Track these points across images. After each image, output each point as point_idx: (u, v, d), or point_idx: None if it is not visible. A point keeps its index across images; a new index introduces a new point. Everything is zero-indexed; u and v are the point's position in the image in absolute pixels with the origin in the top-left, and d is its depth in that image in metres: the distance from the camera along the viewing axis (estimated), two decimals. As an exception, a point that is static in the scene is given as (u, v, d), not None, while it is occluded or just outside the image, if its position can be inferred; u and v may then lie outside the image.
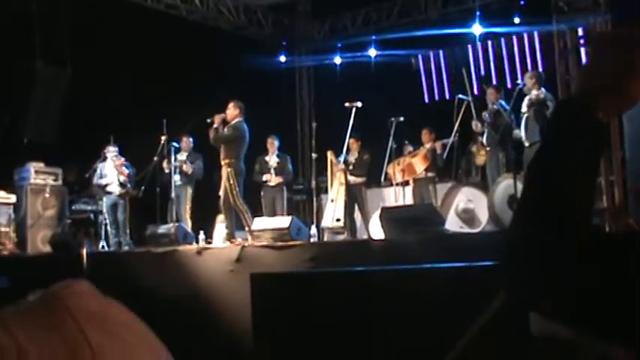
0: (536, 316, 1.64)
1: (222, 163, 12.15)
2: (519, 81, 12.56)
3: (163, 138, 13.78)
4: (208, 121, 12.46)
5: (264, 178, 13.77)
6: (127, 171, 14.42)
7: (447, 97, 16.66)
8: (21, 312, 0.91)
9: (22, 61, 15.60)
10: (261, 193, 13.87)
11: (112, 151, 14.54)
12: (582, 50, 10.84)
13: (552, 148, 1.47)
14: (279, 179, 13.85)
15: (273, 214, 13.23)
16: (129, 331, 0.97)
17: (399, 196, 13.49)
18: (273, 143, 14.04)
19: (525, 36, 15.74)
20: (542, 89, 11.65)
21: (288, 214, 12.68)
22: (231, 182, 11.80)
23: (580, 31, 13.24)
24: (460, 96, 12.73)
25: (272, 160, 14.00)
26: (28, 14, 15.12)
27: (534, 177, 1.48)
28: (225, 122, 12.30)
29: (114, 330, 0.94)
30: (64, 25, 15.37)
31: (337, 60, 18.02)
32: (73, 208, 14.90)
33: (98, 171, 14.59)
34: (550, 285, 1.38)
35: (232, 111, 12.37)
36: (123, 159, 14.50)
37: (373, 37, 17.30)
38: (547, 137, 1.55)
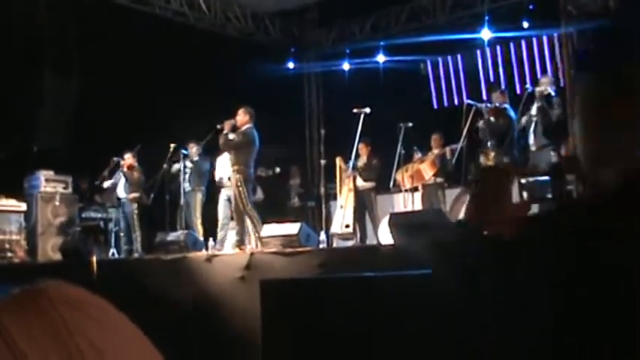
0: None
1: (232, 169, 12.14)
2: (528, 86, 12.53)
3: (172, 145, 13.84)
4: (218, 127, 12.45)
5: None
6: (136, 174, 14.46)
7: (456, 102, 16.65)
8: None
9: (31, 72, 15.67)
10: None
11: (126, 158, 14.60)
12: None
13: None
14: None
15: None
16: (106, 314, 0.99)
17: (408, 202, 13.46)
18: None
19: (534, 40, 15.72)
20: (553, 91, 11.66)
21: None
22: (240, 189, 11.77)
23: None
24: (468, 101, 12.72)
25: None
26: (38, 26, 15.20)
27: None
28: (234, 128, 12.28)
29: (90, 311, 0.97)
30: (73, 35, 15.45)
31: (345, 66, 18.00)
32: (83, 215, 15.01)
33: (114, 179, 14.75)
34: None
35: (242, 117, 12.33)
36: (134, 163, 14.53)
37: (381, 43, 17.26)
38: None
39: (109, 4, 14.84)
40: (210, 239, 12.63)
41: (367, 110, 12.95)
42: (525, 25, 14.99)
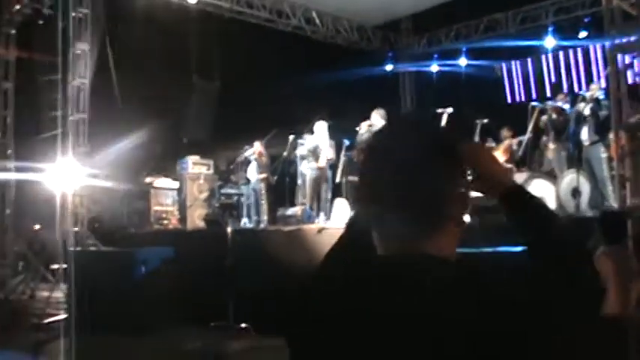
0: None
1: None
2: (583, 91, 12.44)
3: (291, 136, 14.04)
4: (357, 129, 12.82)
5: None
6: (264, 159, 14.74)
7: (524, 99, 16.62)
8: None
9: (181, 76, 16.22)
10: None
11: (256, 146, 14.78)
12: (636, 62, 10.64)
13: None
14: None
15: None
16: None
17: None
18: None
19: (591, 48, 15.56)
20: (602, 94, 11.59)
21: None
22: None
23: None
24: (533, 103, 12.73)
25: None
26: (187, 39, 15.72)
27: None
28: (370, 127, 12.58)
29: None
30: (215, 46, 15.95)
31: (434, 68, 18.10)
32: (222, 191, 15.45)
33: (246, 160, 15.00)
34: None
35: (375, 117, 12.69)
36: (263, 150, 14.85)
37: (463, 48, 17.30)
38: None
39: (244, 22, 15.26)
40: (321, 213, 12.90)
41: (450, 110, 13.04)
42: (582, 35, 14.83)
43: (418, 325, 1.34)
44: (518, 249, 1.63)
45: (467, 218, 1.55)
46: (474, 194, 1.60)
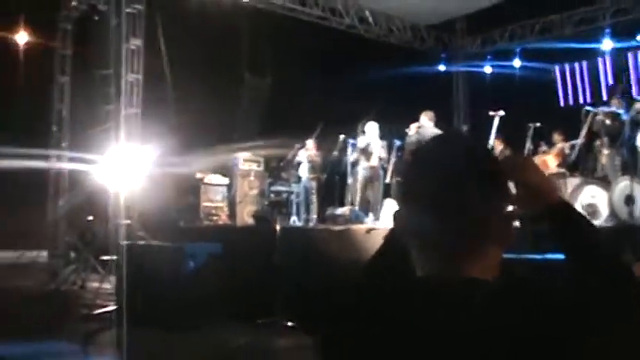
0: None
1: None
2: (635, 94, 12.22)
3: (342, 136, 14.01)
4: (406, 130, 12.81)
5: None
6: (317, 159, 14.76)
7: (581, 102, 16.39)
8: None
9: (233, 73, 16.32)
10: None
11: (308, 144, 14.85)
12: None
13: None
14: None
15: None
16: None
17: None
18: None
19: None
20: None
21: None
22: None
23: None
24: (587, 108, 12.53)
25: None
26: (240, 37, 15.81)
27: None
28: (418, 129, 12.59)
29: None
30: (266, 44, 16.01)
31: (487, 69, 17.93)
32: (272, 189, 15.48)
33: (297, 159, 15.05)
34: None
35: (424, 119, 12.76)
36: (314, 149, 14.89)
37: (517, 49, 17.13)
38: None
39: (296, 19, 15.30)
40: (370, 214, 12.87)
41: (502, 113, 12.93)
42: (640, 37, 14.57)
43: (461, 346, 1.34)
44: (562, 257, 1.63)
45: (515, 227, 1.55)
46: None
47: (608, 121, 12.14)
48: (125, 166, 12.40)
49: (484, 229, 1.47)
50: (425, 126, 12.48)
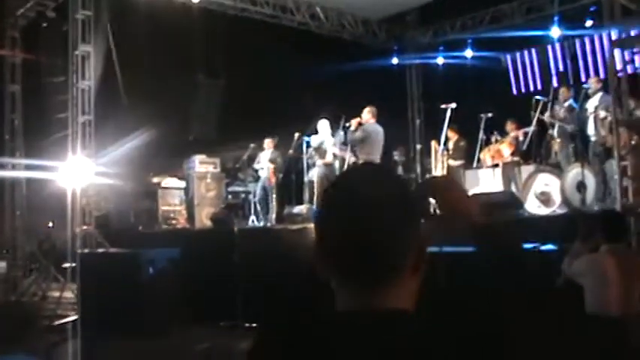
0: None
1: (360, 159, 12.38)
2: (585, 84, 12.37)
3: (297, 134, 14.02)
4: (347, 124, 12.72)
5: None
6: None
7: (532, 89, 16.61)
8: None
9: (186, 75, 16.25)
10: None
11: (267, 142, 14.84)
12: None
13: None
14: None
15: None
16: None
17: (490, 176, 13.63)
18: None
19: (596, 38, 15.50)
20: (603, 92, 11.56)
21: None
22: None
23: None
24: (537, 97, 12.73)
25: None
26: (193, 38, 15.73)
27: None
28: (360, 125, 12.52)
29: None
30: (219, 44, 15.96)
31: (440, 60, 18.04)
32: (229, 189, 15.41)
33: (257, 158, 15.02)
34: None
35: (365, 115, 12.61)
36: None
37: (469, 40, 17.26)
38: None
39: (247, 19, 15.26)
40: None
41: (453, 105, 13.09)
42: (588, 24, 14.72)
43: None
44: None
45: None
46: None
47: (558, 109, 12.35)
48: (81, 173, 12.33)
49: (400, 258, 1.45)
50: (366, 121, 12.54)
